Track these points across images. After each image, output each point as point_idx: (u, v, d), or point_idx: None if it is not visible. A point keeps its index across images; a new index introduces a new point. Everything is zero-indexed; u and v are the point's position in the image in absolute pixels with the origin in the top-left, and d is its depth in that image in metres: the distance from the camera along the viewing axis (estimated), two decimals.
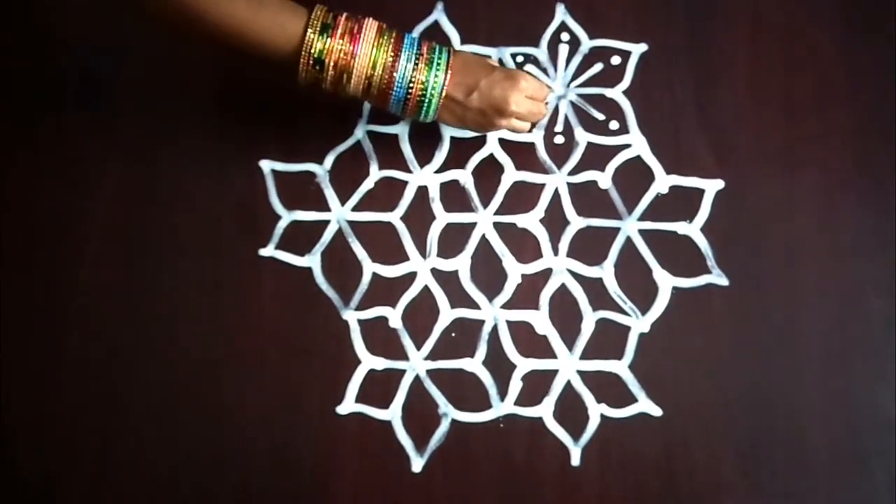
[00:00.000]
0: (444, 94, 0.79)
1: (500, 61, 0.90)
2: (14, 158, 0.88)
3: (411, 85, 0.78)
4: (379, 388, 0.84)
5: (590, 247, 0.87)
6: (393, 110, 0.80)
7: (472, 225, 0.87)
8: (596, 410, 0.83)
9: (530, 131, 0.87)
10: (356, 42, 0.76)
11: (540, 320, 0.85)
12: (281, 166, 0.88)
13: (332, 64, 0.76)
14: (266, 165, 0.88)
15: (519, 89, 0.80)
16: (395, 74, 0.77)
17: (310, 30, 0.75)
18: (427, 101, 0.79)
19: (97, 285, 0.85)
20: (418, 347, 0.85)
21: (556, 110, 0.90)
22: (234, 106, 0.89)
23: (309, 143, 0.88)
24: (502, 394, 0.84)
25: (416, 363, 0.84)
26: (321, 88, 0.78)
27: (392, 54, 0.77)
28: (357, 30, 0.76)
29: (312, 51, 0.75)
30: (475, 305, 0.86)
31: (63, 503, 0.82)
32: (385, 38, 0.77)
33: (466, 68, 0.80)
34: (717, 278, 0.86)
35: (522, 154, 0.89)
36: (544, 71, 0.91)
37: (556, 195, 0.88)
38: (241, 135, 0.88)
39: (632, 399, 0.84)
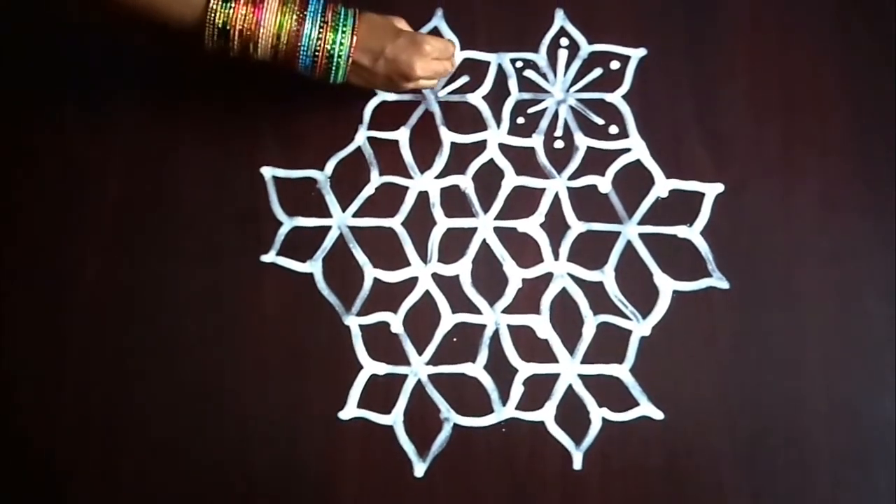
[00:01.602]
0: (350, 60, 0.80)
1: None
2: (15, 166, 0.88)
3: (317, 51, 0.79)
4: (381, 394, 0.84)
5: (590, 251, 0.87)
6: (301, 71, 0.81)
7: (473, 230, 0.88)
8: (597, 414, 0.83)
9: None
10: (259, 10, 0.77)
11: (541, 324, 0.85)
12: (282, 173, 0.88)
13: (237, 33, 0.77)
14: (267, 172, 0.88)
15: (423, 54, 0.81)
16: (299, 42, 0.78)
17: (212, 0, 0.76)
18: (334, 67, 0.80)
19: (99, 292, 0.85)
20: (420, 352, 0.85)
21: (555, 115, 0.90)
22: (234, 113, 0.89)
23: (310, 149, 0.89)
24: (504, 398, 0.84)
25: (418, 368, 0.85)
26: (229, 57, 0.79)
27: (296, 22, 0.78)
28: None
29: (217, 21, 0.76)
30: (476, 310, 0.86)
31: None
32: (289, 4, 0.78)
33: (372, 34, 0.81)
34: (718, 282, 0.86)
35: (523, 159, 0.89)
36: (543, 76, 0.91)
37: (557, 199, 0.88)
38: (242, 142, 0.89)
39: (633, 403, 0.84)
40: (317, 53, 0.79)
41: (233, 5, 0.76)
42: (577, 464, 0.83)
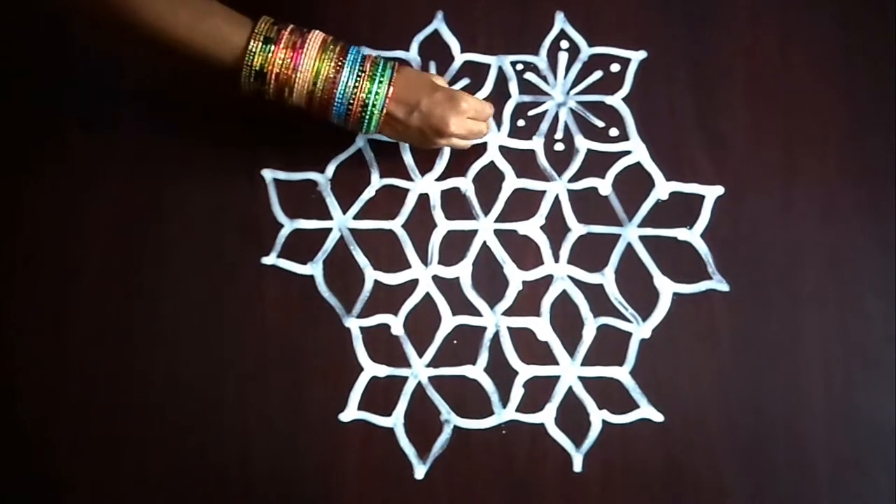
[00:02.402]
0: (384, 111, 0.79)
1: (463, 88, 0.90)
2: (19, 167, 0.88)
3: (352, 100, 0.78)
4: (381, 396, 0.84)
5: (590, 253, 0.87)
6: (335, 122, 0.81)
7: (474, 232, 0.88)
8: (598, 417, 0.84)
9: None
10: (298, 56, 0.77)
11: (541, 327, 0.86)
12: (283, 175, 0.89)
13: (273, 77, 0.77)
14: (268, 175, 0.89)
15: (459, 111, 0.81)
16: (335, 89, 0.78)
17: (252, 42, 0.76)
18: (368, 116, 0.79)
19: (101, 294, 0.86)
20: (420, 355, 0.85)
21: (556, 117, 0.90)
22: (235, 116, 0.89)
23: (310, 152, 0.89)
24: (504, 400, 0.84)
25: (419, 370, 0.85)
26: (265, 99, 0.79)
27: (334, 69, 0.78)
28: (300, 44, 0.77)
29: (253, 64, 0.76)
30: (477, 312, 0.86)
31: None
32: (329, 52, 0.78)
33: (409, 87, 0.80)
34: (718, 284, 0.86)
35: (523, 161, 0.89)
36: (544, 79, 0.91)
37: (557, 202, 0.88)
38: (243, 145, 0.89)
39: (633, 405, 0.84)
40: (352, 102, 0.78)
41: (272, 48, 0.76)
42: (578, 466, 0.83)
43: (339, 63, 0.78)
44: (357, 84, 0.78)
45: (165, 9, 0.73)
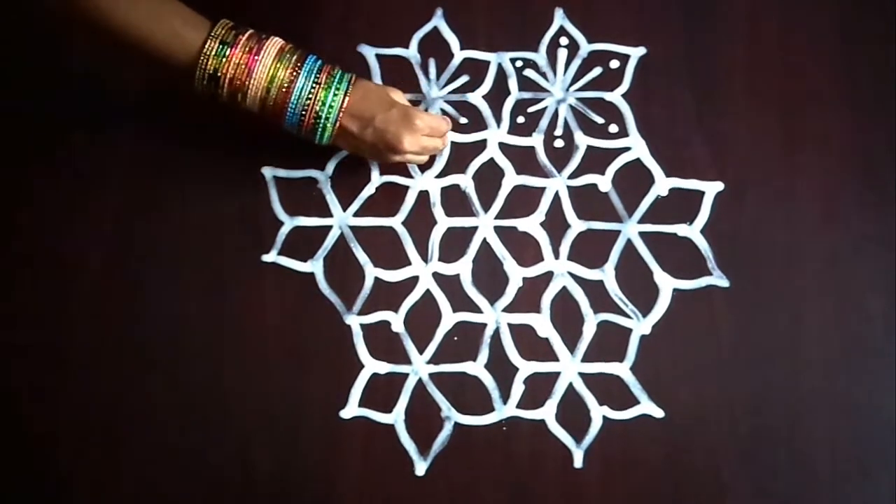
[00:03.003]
0: (337, 123, 0.79)
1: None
2: (17, 170, 0.89)
3: (305, 110, 0.78)
4: (382, 393, 0.84)
5: (590, 250, 0.87)
6: (287, 126, 0.80)
7: (474, 229, 0.88)
8: (598, 413, 0.84)
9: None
10: (253, 61, 0.76)
11: (541, 323, 0.86)
12: (283, 173, 0.89)
13: (226, 81, 0.77)
14: (268, 172, 0.89)
15: (413, 129, 0.80)
16: (289, 97, 0.77)
17: (207, 45, 0.75)
18: (321, 127, 0.79)
19: (101, 291, 0.86)
20: (421, 351, 0.85)
21: (555, 114, 0.90)
22: (236, 114, 0.89)
23: (310, 149, 0.88)
24: (505, 397, 0.84)
25: (419, 367, 0.85)
26: (218, 101, 0.79)
27: (289, 76, 0.77)
28: (256, 49, 0.76)
29: (207, 67, 0.76)
30: (477, 309, 0.86)
31: None
32: (286, 59, 0.77)
33: (364, 101, 0.79)
34: (718, 280, 0.86)
35: (523, 158, 0.89)
36: (543, 75, 0.91)
37: (557, 198, 0.88)
38: (244, 142, 0.89)
39: (634, 401, 0.84)
40: (304, 112, 0.78)
41: (228, 52, 0.76)
42: (578, 462, 0.83)
43: (295, 71, 0.77)
44: (312, 93, 0.78)
45: (124, 6, 0.73)
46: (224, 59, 0.76)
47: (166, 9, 0.76)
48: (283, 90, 0.77)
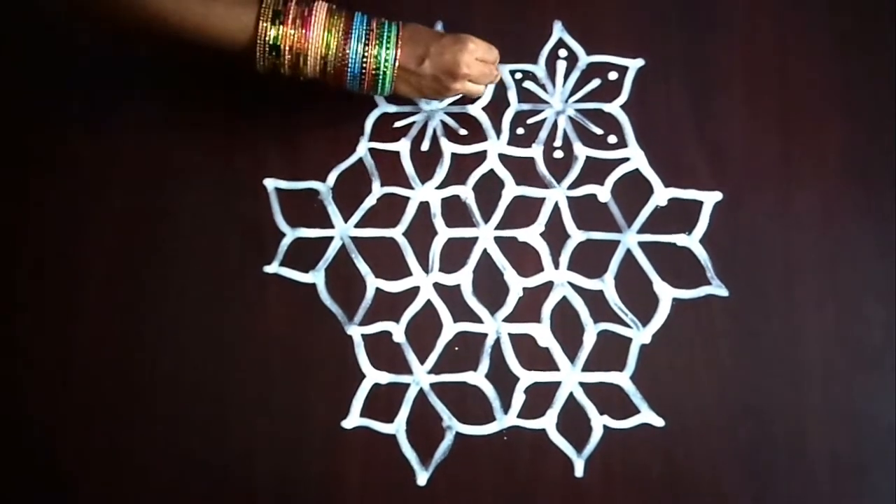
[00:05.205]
0: (396, 65, 0.81)
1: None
2: (21, 177, 0.89)
3: (364, 61, 0.80)
4: (383, 403, 0.84)
5: (590, 259, 0.87)
6: (350, 87, 0.82)
7: (474, 239, 0.88)
8: (599, 422, 0.84)
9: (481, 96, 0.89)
10: (308, 25, 0.79)
11: (542, 333, 0.86)
12: (284, 184, 0.89)
13: (287, 49, 0.79)
14: (270, 184, 0.89)
15: (468, 51, 0.82)
16: (347, 52, 0.80)
17: (262, 19, 0.78)
18: (382, 74, 0.81)
19: (104, 302, 0.86)
20: (422, 361, 0.85)
21: (555, 125, 0.91)
22: (237, 125, 0.90)
23: (312, 161, 0.90)
24: (505, 406, 0.84)
25: (420, 377, 0.85)
26: (280, 73, 0.81)
27: (343, 34, 0.79)
28: (308, 13, 0.79)
29: (267, 38, 0.78)
30: (477, 319, 0.86)
31: None
32: (336, 18, 0.80)
33: (415, 38, 0.82)
34: (717, 289, 0.86)
35: (522, 169, 0.90)
36: (542, 87, 0.92)
37: (556, 209, 0.89)
38: (245, 154, 0.89)
39: (634, 410, 0.84)
40: (364, 63, 0.80)
41: (282, 22, 0.78)
42: (579, 471, 0.83)
43: (347, 29, 0.80)
44: (367, 46, 0.80)
45: (173, 1, 0.75)
46: (281, 29, 0.78)
47: None
48: (341, 51, 0.80)
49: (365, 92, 0.83)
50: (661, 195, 0.89)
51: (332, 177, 0.90)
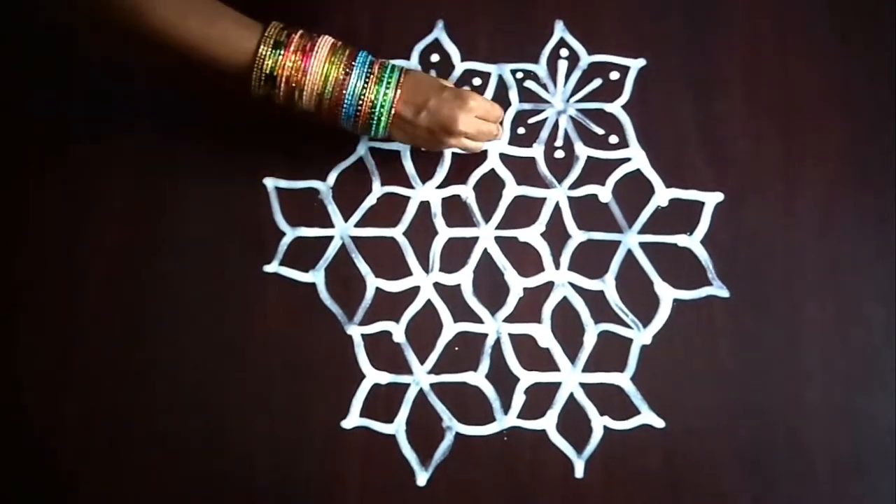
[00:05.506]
0: (392, 111, 0.80)
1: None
2: (21, 178, 0.89)
3: (360, 102, 0.79)
4: (383, 403, 0.84)
5: (591, 260, 0.87)
6: (344, 126, 0.82)
7: (474, 239, 0.88)
8: (599, 423, 0.84)
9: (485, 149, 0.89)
10: (308, 59, 0.78)
11: (542, 333, 0.86)
12: (284, 184, 0.89)
13: (283, 80, 0.78)
14: (270, 183, 0.89)
15: (467, 109, 0.81)
16: (344, 91, 0.79)
17: (262, 46, 0.77)
18: (376, 118, 0.80)
19: (104, 302, 0.86)
20: (422, 361, 0.85)
21: (556, 125, 0.91)
22: (237, 125, 0.90)
23: (312, 160, 0.89)
24: (506, 407, 0.84)
25: (420, 377, 0.85)
26: (275, 103, 0.80)
27: (343, 72, 0.79)
28: (310, 47, 0.78)
29: (264, 67, 0.77)
30: (478, 319, 0.86)
31: None
32: (338, 55, 0.79)
33: (416, 88, 0.81)
34: (718, 290, 0.86)
35: (523, 169, 0.90)
36: (544, 87, 0.92)
37: (557, 209, 0.89)
38: (246, 153, 0.89)
39: (634, 411, 0.84)
40: (360, 105, 0.80)
41: (282, 52, 0.77)
42: (579, 472, 0.83)
43: (349, 67, 0.79)
44: (365, 87, 0.79)
45: (176, 15, 0.75)
46: (279, 60, 0.77)
47: (218, 14, 0.77)
48: (339, 86, 0.79)
49: (358, 132, 0.83)
50: (663, 195, 0.89)
51: (333, 176, 0.89)
